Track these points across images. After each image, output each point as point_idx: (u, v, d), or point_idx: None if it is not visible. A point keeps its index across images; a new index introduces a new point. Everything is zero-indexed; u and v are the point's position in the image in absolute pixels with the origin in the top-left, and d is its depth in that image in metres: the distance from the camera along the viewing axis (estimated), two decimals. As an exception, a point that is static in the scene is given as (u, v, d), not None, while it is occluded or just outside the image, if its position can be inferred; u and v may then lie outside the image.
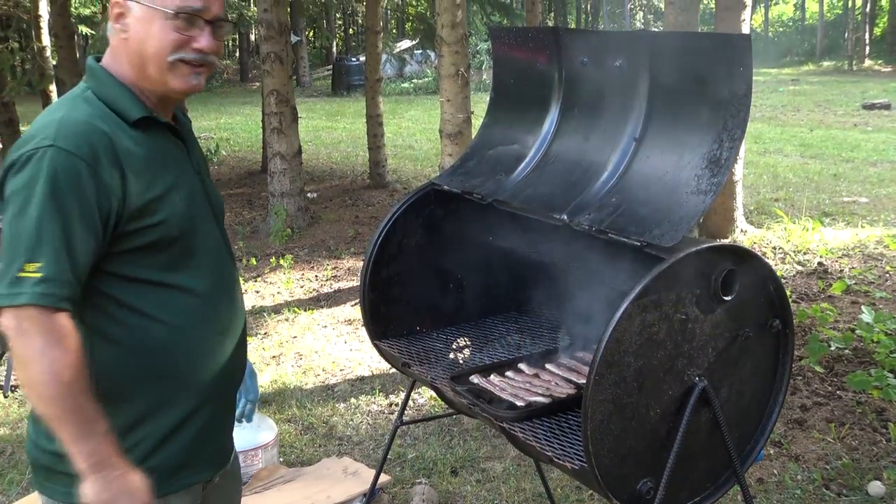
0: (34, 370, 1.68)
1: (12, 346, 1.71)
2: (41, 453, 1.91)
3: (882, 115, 19.51)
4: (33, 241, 1.68)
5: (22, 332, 1.67)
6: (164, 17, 1.84)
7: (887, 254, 7.91)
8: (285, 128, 9.35)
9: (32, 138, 1.76)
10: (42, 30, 16.21)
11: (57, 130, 1.74)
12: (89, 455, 1.72)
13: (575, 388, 2.73)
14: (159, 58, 1.86)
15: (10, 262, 1.68)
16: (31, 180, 1.70)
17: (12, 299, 1.67)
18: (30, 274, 1.67)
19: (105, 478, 1.74)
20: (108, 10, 1.97)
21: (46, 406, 1.71)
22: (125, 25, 1.87)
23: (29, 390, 1.73)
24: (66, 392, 1.69)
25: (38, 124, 1.80)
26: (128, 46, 1.88)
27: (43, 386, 1.69)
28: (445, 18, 6.91)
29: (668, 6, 7.64)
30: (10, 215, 1.70)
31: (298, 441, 4.66)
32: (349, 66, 31.35)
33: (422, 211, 3.15)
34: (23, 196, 1.70)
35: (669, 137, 2.49)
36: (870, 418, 4.64)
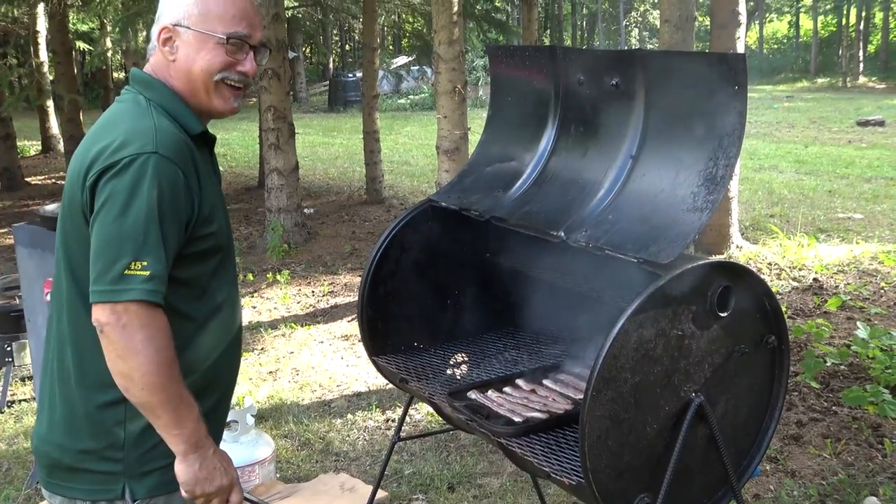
0: (139, 361, 1.78)
1: (109, 338, 1.78)
2: (63, 452, 1.96)
3: (876, 131, 19.61)
4: (140, 240, 1.77)
5: (122, 325, 1.76)
6: (216, 42, 1.98)
7: (882, 270, 7.95)
8: (283, 144, 9.38)
9: (127, 144, 1.82)
10: (40, 45, 16.27)
11: (155, 138, 1.84)
12: (188, 437, 1.87)
13: (572, 403, 2.74)
14: (207, 77, 1.99)
15: (114, 259, 1.77)
16: (136, 183, 1.78)
17: (118, 295, 1.76)
18: (136, 272, 1.76)
19: (202, 456, 1.89)
20: (152, 34, 2.09)
21: (151, 394, 1.81)
22: (174, 49, 2.00)
23: (128, 381, 1.80)
24: (167, 380, 1.81)
25: (125, 131, 1.86)
26: (176, 68, 2.00)
27: (149, 375, 1.79)
28: (442, 35, 6.95)
29: (663, 24, 7.69)
30: (112, 215, 1.78)
31: (295, 457, 4.66)
32: (346, 82, 31.44)
33: (420, 227, 3.17)
34: (126, 197, 1.78)
35: (665, 155, 2.51)
36: (865, 434, 4.65)
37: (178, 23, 1.99)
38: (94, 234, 1.80)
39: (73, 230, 1.91)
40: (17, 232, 4.41)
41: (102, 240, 1.78)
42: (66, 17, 15.89)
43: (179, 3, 1.99)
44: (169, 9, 2.01)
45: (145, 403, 1.83)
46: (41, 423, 2.03)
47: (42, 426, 2.02)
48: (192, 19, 1.97)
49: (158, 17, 2.03)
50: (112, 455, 1.94)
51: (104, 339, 1.80)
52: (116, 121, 1.93)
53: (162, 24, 2.00)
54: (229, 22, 1.99)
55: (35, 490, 4.27)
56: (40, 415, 2.05)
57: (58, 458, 1.97)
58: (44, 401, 2.04)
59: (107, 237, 1.78)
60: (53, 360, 2.00)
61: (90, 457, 1.93)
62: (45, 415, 2.02)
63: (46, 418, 2.01)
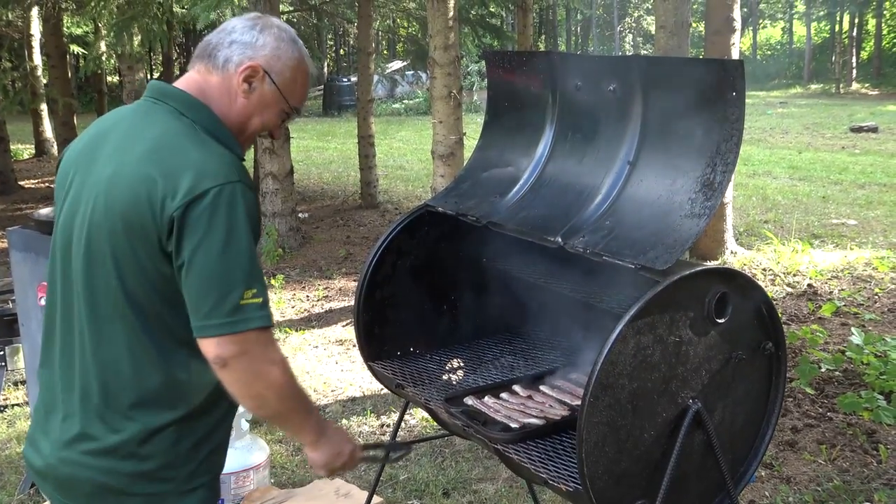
0: (269, 380, 1.86)
1: (235, 370, 1.83)
2: (114, 477, 1.92)
3: (869, 137, 19.69)
4: (247, 269, 1.81)
5: (249, 353, 1.82)
6: (283, 108, 2.06)
7: (876, 276, 7.96)
8: (277, 148, 9.36)
9: (209, 173, 1.81)
10: (34, 49, 16.25)
11: (233, 167, 1.86)
12: (315, 426, 2.06)
13: (569, 409, 2.73)
14: (258, 131, 2.07)
15: (226, 291, 1.79)
16: (232, 214, 1.80)
17: (238, 325, 1.80)
18: (250, 300, 1.80)
19: (328, 437, 2.09)
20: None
21: (283, 405, 1.93)
22: (252, 89, 2.00)
23: (261, 401, 1.89)
24: (296, 388, 1.95)
25: (199, 159, 1.83)
26: (241, 104, 2.00)
27: (282, 388, 1.89)
28: (438, 40, 6.96)
29: (658, 30, 7.71)
30: (216, 248, 1.78)
31: (290, 462, 4.64)
32: (340, 86, 31.44)
33: (416, 232, 3.16)
34: (226, 229, 1.79)
35: (663, 161, 2.51)
36: (860, 440, 4.65)
37: (270, 71, 2.00)
38: (196, 268, 1.78)
39: (131, 252, 1.84)
40: (10, 236, 4.39)
41: (209, 274, 1.79)
42: (61, 20, 15.87)
43: (279, 56, 2.02)
44: (266, 52, 2.00)
45: (278, 415, 1.97)
46: (75, 451, 1.93)
47: (75, 453, 1.93)
48: (281, 77, 2.02)
49: (244, 46, 1.99)
50: (166, 475, 1.93)
51: (228, 371, 1.83)
52: (177, 143, 1.86)
53: (254, 61, 1.98)
54: (299, 97, 2.09)
55: (29, 496, 4.25)
56: (70, 443, 1.94)
57: (104, 482, 1.91)
58: (66, 426, 1.95)
59: (215, 271, 1.79)
60: (92, 386, 1.92)
61: (145, 478, 1.91)
62: (84, 442, 1.92)
63: (86, 445, 1.92)
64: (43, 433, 2.01)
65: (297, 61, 2.04)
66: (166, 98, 1.97)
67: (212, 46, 2.02)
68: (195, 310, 1.80)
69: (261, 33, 2.01)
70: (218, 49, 2.00)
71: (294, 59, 2.04)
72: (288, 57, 2.02)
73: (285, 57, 2.02)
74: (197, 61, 2.04)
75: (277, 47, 2.01)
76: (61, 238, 1.98)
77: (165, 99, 1.97)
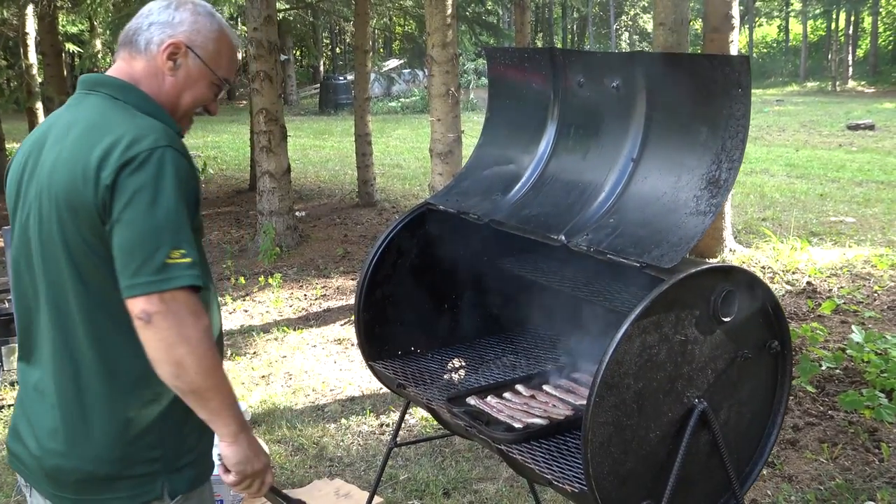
0: (191, 345, 1.78)
1: (158, 328, 1.76)
2: (100, 464, 1.93)
3: (866, 135, 19.68)
4: (175, 229, 1.79)
5: (174, 312, 1.76)
6: (212, 80, 2.06)
7: (875, 273, 7.95)
8: (274, 146, 9.33)
9: (139, 139, 1.82)
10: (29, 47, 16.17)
11: (162, 134, 1.86)
12: (236, 417, 1.91)
13: (572, 409, 2.71)
14: (192, 107, 2.07)
15: (153, 250, 1.77)
16: (159, 175, 1.80)
17: (165, 283, 1.76)
18: (178, 260, 1.77)
19: (245, 439, 1.94)
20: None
21: (204, 378, 1.82)
22: (176, 65, 2.01)
23: (180, 368, 1.79)
24: (217, 362, 1.85)
25: (130, 128, 1.84)
26: (170, 83, 2.02)
27: (202, 359, 1.80)
28: (436, 38, 6.92)
29: (658, 27, 7.68)
30: (142, 208, 1.77)
31: (289, 462, 4.61)
32: (336, 84, 31.39)
33: (417, 231, 3.14)
34: (153, 190, 1.78)
35: (667, 158, 2.49)
36: (862, 438, 4.63)
37: (192, 46, 2.02)
38: (124, 230, 1.78)
39: (79, 236, 1.84)
40: (6, 235, 4.34)
41: (136, 233, 1.77)
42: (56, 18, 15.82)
43: (198, 29, 2.03)
44: (185, 28, 2.02)
45: (197, 389, 1.83)
46: (58, 441, 1.95)
47: (59, 444, 1.94)
48: (205, 50, 2.03)
49: (163, 26, 2.00)
50: (151, 455, 1.94)
51: (151, 329, 1.77)
52: (107, 120, 1.89)
53: (175, 38, 2.00)
54: (227, 68, 2.09)
55: (19, 500, 4.22)
56: (53, 434, 1.96)
57: (92, 470, 1.93)
58: (48, 418, 1.96)
59: (141, 230, 1.77)
60: (67, 376, 1.93)
61: (130, 461, 1.92)
62: (66, 432, 1.94)
63: (68, 435, 1.94)
64: (27, 426, 2.02)
65: (217, 33, 2.06)
66: (98, 87, 2.00)
67: (132, 32, 2.04)
68: (123, 270, 1.78)
69: (177, 11, 2.03)
70: (138, 34, 2.03)
71: (214, 30, 2.06)
72: (208, 30, 2.05)
73: (205, 30, 2.04)
74: (121, 49, 2.06)
75: (195, 21, 2.04)
76: (21, 245, 1.99)
77: (97, 88, 2.00)
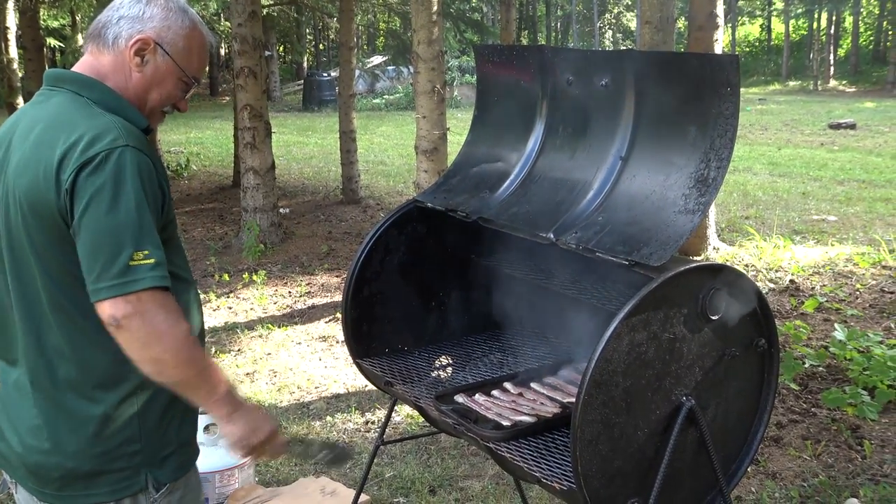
0: (166, 343, 1.79)
1: (129, 330, 1.77)
2: (82, 460, 1.93)
3: (848, 134, 19.82)
4: (137, 230, 1.76)
5: (142, 313, 1.76)
6: (180, 77, 2.03)
7: (857, 272, 8.01)
8: (259, 143, 9.29)
9: (98, 139, 1.79)
10: (10, 42, 16.01)
11: (122, 132, 1.82)
12: (226, 398, 1.94)
13: (560, 407, 2.71)
14: (160, 104, 2.04)
15: (115, 252, 1.75)
16: (119, 176, 1.77)
17: (129, 286, 1.75)
18: (141, 261, 1.76)
19: (244, 411, 1.98)
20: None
21: (185, 369, 1.84)
22: (144, 62, 1.98)
23: (160, 365, 1.81)
24: (196, 354, 1.86)
25: (88, 127, 1.82)
26: (137, 79, 1.99)
27: (178, 352, 1.81)
28: (422, 35, 6.91)
29: (644, 25, 7.70)
30: (102, 209, 1.75)
31: (274, 460, 4.60)
32: (320, 81, 31.27)
33: (404, 228, 3.13)
34: (112, 190, 1.76)
35: (656, 156, 2.49)
36: (845, 435, 4.67)
37: (161, 42, 1.99)
38: (84, 232, 1.76)
39: (44, 237, 1.83)
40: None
41: (97, 236, 1.76)
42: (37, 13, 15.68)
43: (169, 26, 2.00)
44: (155, 24, 1.99)
45: (181, 381, 1.86)
46: (39, 439, 1.94)
47: (40, 441, 1.94)
48: (174, 47, 2.00)
49: (132, 21, 1.98)
50: (130, 449, 1.94)
51: (123, 332, 1.77)
52: (67, 119, 1.86)
53: (143, 34, 1.97)
54: (196, 66, 2.06)
55: (8, 495, 4.18)
56: (34, 431, 1.96)
57: (74, 467, 1.93)
58: (28, 416, 1.96)
59: (101, 232, 1.75)
60: (42, 374, 1.93)
61: (110, 456, 1.92)
62: (46, 430, 1.94)
63: (48, 433, 1.94)
64: (8, 423, 2.02)
65: (189, 30, 2.03)
66: (62, 83, 1.97)
67: (101, 25, 2.01)
68: (87, 273, 1.77)
69: (147, 6, 2.00)
70: (107, 27, 2.00)
71: (186, 27, 2.02)
72: (179, 26, 2.01)
73: (176, 27, 2.01)
74: (89, 42, 2.04)
75: (166, 17, 2.00)
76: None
77: (61, 84, 1.97)
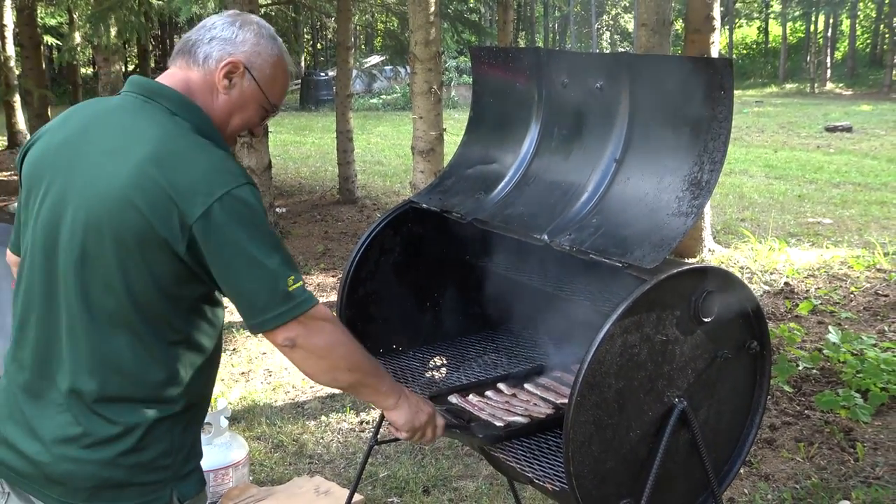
0: (338, 351, 1.99)
1: (306, 348, 1.93)
2: (114, 470, 1.92)
3: (844, 137, 19.87)
4: (282, 261, 1.88)
5: (315, 330, 1.93)
6: (262, 104, 2.07)
7: (852, 275, 8.03)
8: (256, 142, 9.28)
9: (220, 176, 1.84)
10: (7, 39, 16.02)
11: (236, 170, 1.88)
12: (392, 388, 2.16)
13: (553, 407, 2.72)
14: (240, 129, 2.10)
15: (274, 284, 1.87)
16: (253, 213, 1.85)
17: (297, 310, 1.89)
18: (296, 286, 1.89)
19: (406, 398, 2.20)
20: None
21: (356, 373, 2.04)
22: (231, 84, 2.01)
23: (335, 372, 2.01)
24: (362, 352, 2.06)
25: (208, 162, 1.86)
26: (222, 101, 2.02)
27: (351, 357, 2.02)
28: (419, 36, 6.92)
29: (640, 27, 7.71)
30: (250, 247, 1.84)
31: (268, 459, 4.61)
32: (318, 80, 31.30)
33: (400, 228, 3.14)
34: (253, 228, 1.85)
35: (650, 159, 2.50)
36: (838, 438, 4.69)
37: (250, 67, 2.02)
38: (241, 272, 1.85)
39: (141, 261, 1.84)
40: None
41: (254, 273, 1.85)
42: (35, 10, 15.68)
43: (259, 52, 2.03)
44: (247, 48, 2.02)
45: (354, 383, 2.06)
46: (73, 447, 1.91)
47: (74, 450, 1.91)
48: (261, 73, 2.04)
49: (224, 42, 2.00)
50: (163, 463, 1.96)
51: (298, 351, 1.93)
52: (178, 150, 1.86)
53: (235, 57, 2.00)
54: (279, 94, 2.11)
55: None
56: (67, 440, 1.92)
57: (108, 476, 1.92)
58: (59, 425, 1.93)
59: (256, 270, 1.85)
60: (90, 386, 1.91)
61: (144, 468, 1.94)
62: (85, 439, 1.92)
63: (87, 442, 1.91)
64: (25, 433, 1.96)
65: (276, 58, 2.06)
66: (157, 97, 1.96)
67: (192, 43, 2.02)
68: (250, 308, 1.88)
69: (241, 29, 2.02)
70: (198, 46, 2.01)
71: (274, 55, 2.06)
72: (268, 53, 2.05)
73: (265, 53, 2.04)
74: (178, 58, 2.04)
75: (257, 43, 2.03)
76: (43, 238, 1.94)
77: (156, 98, 1.96)
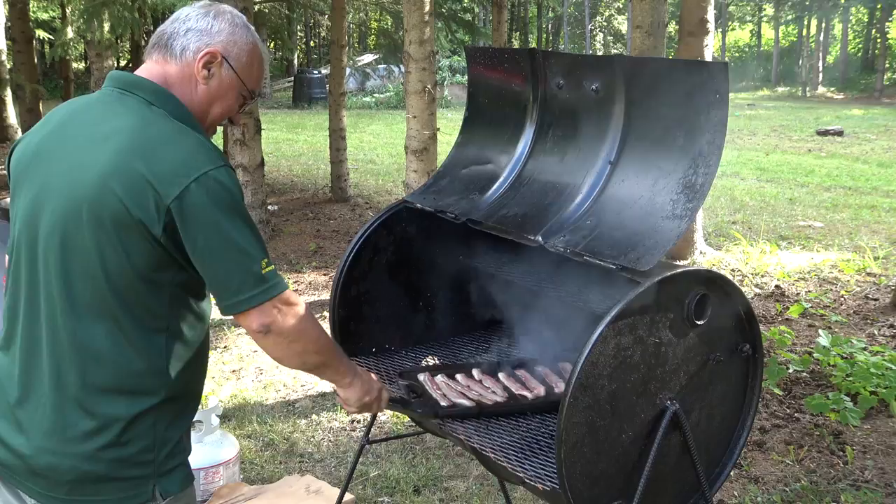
0: (307, 334, 2.04)
1: (279, 332, 1.97)
2: (99, 464, 1.92)
3: (835, 141, 19.96)
4: (256, 244, 1.91)
5: (285, 313, 1.96)
6: (240, 92, 2.10)
7: (842, 278, 8.06)
8: (248, 139, 9.27)
9: (195, 160, 1.85)
10: (-1, 33, 15.93)
11: (212, 152, 1.90)
12: (349, 368, 2.29)
13: (508, 398, 2.78)
14: (218, 118, 2.11)
15: (247, 267, 1.90)
16: (230, 195, 1.88)
17: (269, 293, 1.93)
18: (268, 269, 1.93)
19: (360, 376, 2.34)
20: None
21: (323, 355, 2.14)
22: (210, 75, 2.03)
23: (304, 356, 2.08)
24: (327, 338, 2.15)
25: (184, 147, 1.87)
26: (201, 92, 2.04)
27: (319, 340, 2.09)
28: (413, 35, 6.92)
29: (635, 30, 7.72)
30: (225, 230, 1.86)
31: (259, 458, 4.60)
32: (310, 78, 31.23)
33: (393, 228, 3.14)
34: (229, 210, 1.87)
35: (645, 162, 2.51)
36: (827, 441, 4.71)
37: (228, 56, 2.04)
38: (216, 253, 1.86)
39: (120, 247, 1.84)
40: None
41: (229, 254, 1.88)
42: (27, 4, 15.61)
43: (235, 41, 2.06)
44: (222, 38, 2.04)
45: (319, 364, 2.16)
46: (54, 440, 1.92)
47: (55, 442, 1.92)
48: (238, 62, 2.06)
49: (200, 33, 2.02)
50: (145, 458, 1.95)
51: (271, 336, 1.97)
52: (155, 135, 1.88)
53: (212, 47, 2.02)
54: (256, 81, 2.14)
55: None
56: (48, 432, 1.93)
57: (89, 469, 1.91)
58: (41, 417, 1.93)
59: (231, 250, 1.88)
60: (69, 376, 1.91)
61: (126, 463, 1.93)
62: (65, 431, 1.92)
63: (67, 434, 1.92)
64: (8, 424, 1.97)
65: (252, 45, 2.10)
66: (134, 89, 1.98)
67: (167, 36, 2.04)
68: (223, 289, 1.91)
69: (215, 20, 2.05)
70: (174, 38, 2.03)
71: (249, 43, 2.09)
72: (244, 42, 2.08)
73: (241, 42, 2.07)
74: (153, 51, 2.06)
75: (233, 32, 2.06)
76: (26, 231, 1.95)
77: (133, 90, 1.98)
